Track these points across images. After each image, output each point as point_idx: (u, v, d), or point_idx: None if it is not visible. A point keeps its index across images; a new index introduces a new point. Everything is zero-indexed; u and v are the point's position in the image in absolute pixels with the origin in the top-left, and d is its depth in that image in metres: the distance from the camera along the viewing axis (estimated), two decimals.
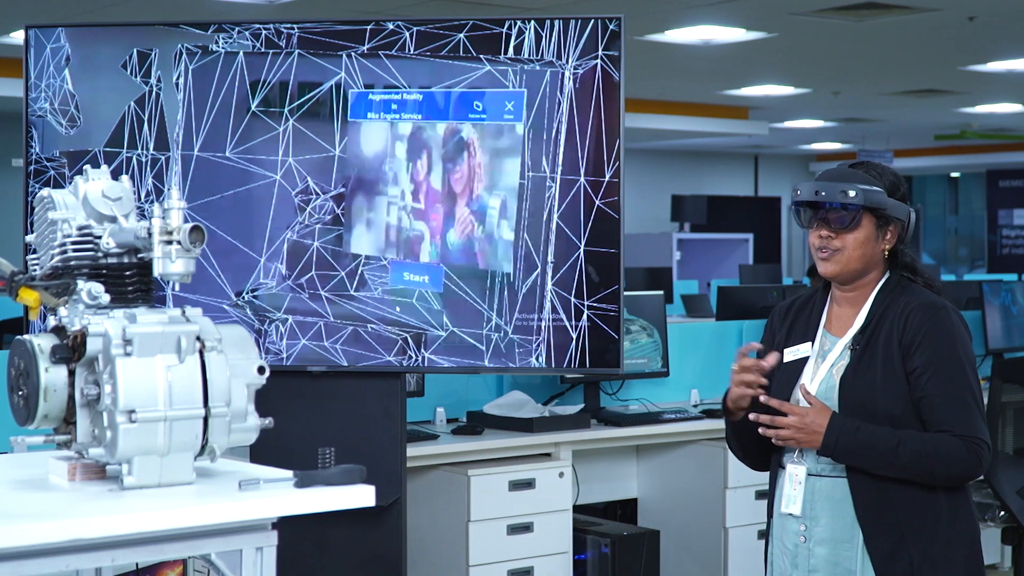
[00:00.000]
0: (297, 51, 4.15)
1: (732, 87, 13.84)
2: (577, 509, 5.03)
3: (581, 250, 4.04)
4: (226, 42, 4.15)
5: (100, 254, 2.40)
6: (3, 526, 2.00)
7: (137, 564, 3.06)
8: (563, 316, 4.01)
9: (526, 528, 4.70)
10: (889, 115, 16.50)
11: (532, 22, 4.08)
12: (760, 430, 2.92)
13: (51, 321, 2.43)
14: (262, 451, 3.32)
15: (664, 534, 5.19)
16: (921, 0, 9.01)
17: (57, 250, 2.41)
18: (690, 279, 13.42)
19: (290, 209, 4.15)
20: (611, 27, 3.99)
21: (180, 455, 2.26)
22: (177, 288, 4.06)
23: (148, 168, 4.17)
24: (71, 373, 2.30)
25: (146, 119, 4.18)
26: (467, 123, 4.13)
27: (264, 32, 4.14)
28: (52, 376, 2.28)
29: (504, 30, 4.07)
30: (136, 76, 4.16)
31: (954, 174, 25.00)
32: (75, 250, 2.40)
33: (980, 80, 13.02)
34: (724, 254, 15.72)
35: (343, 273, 4.15)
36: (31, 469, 2.47)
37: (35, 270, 2.47)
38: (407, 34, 4.10)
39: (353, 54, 4.15)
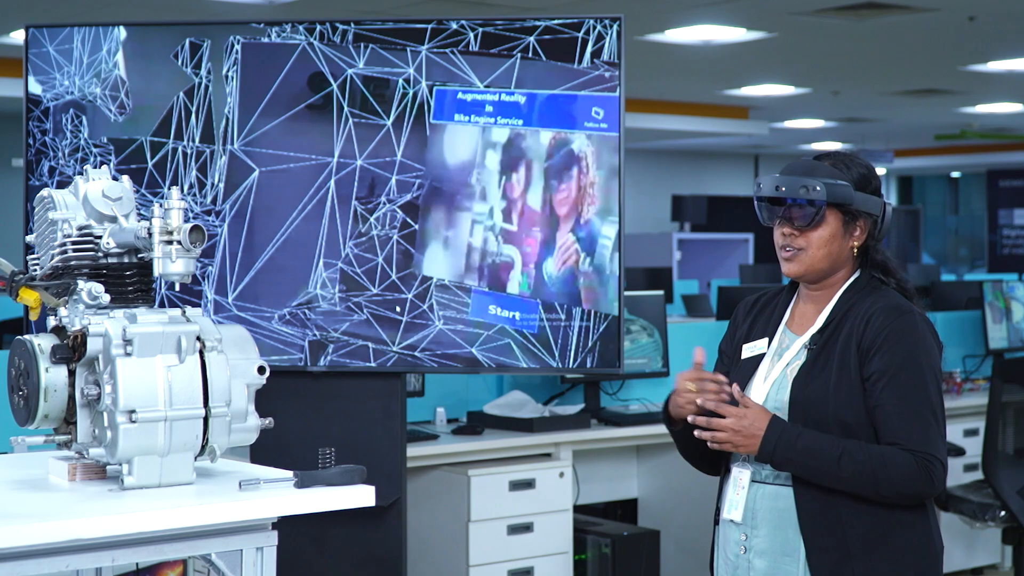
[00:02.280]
0: (361, 44, 3.78)
1: (732, 87, 13.84)
2: (577, 509, 5.03)
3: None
4: (279, 35, 3.88)
5: (100, 254, 2.40)
6: (3, 526, 2.00)
7: (137, 564, 3.07)
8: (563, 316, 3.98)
9: (526, 528, 4.70)
10: (889, 115, 16.49)
11: (616, 23, 3.67)
12: (696, 432, 2.71)
13: (51, 321, 2.43)
14: (262, 451, 3.33)
15: (664, 534, 5.19)
16: (921, 0, 9.01)
17: (57, 250, 2.41)
18: (690, 279, 13.40)
19: (347, 217, 3.76)
20: (612, 27, 3.87)
21: (180, 455, 2.26)
22: (212, 297, 3.81)
23: (193, 160, 3.94)
24: (71, 373, 2.30)
25: (194, 110, 3.94)
26: (580, 133, 3.64)
27: (319, 28, 3.84)
28: (52, 376, 2.28)
29: (581, 34, 3.67)
30: (187, 67, 3.94)
31: (954, 174, 25.00)
32: (75, 250, 2.39)
33: (980, 80, 13.02)
34: (724, 254, 15.70)
35: (411, 296, 3.72)
36: (31, 469, 2.47)
37: (35, 270, 2.47)
38: (471, 36, 3.74)
39: (421, 49, 3.73)
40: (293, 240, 3.83)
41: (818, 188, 2.69)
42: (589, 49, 3.67)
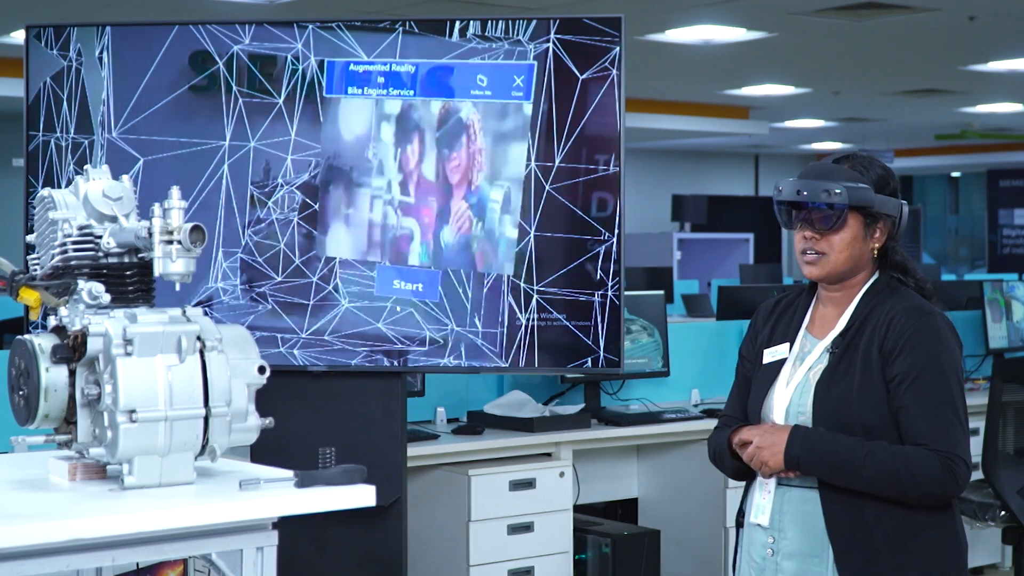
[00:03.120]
0: (247, 25, 3.70)
1: (732, 87, 13.84)
2: (577, 509, 5.03)
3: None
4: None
5: (100, 254, 2.40)
6: (4, 526, 2.00)
7: (138, 564, 3.07)
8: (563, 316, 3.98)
9: (526, 528, 4.70)
10: (889, 115, 16.49)
11: (475, 21, 3.67)
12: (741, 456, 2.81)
13: (52, 321, 2.43)
14: (262, 451, 3.32)
15: (665, 534, 5.19)
16: (921, 0, 9.01)
17: (58, 250, 2.41)
18: (690, 279, 13.40)
19: (244, 203, 3.68)
20: (611, 27, 3.88)
21: (181, 455, 2.26)
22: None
23: (69, 154, 3.79)
24: (72, 373, 2.30)
25: (65, 99, 3.78)
26: (467, 101, 3.65)
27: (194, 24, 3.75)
28: (53, 376, 2.28)
29: (447, 21, 3.67)
30: (52, 49, 3.78)
31: (954, 174, 25.00)
32: (76, 250, 2.39)
33: (980, 80, 13.02)
34: (724, 254, 15.70)
35: (315, 279, 3.68)
36: (32, 469, 2.47)
37: (36, 270, 2.47)
38: (335, 26, 3.68)
39: (311, 26, 3.67)
40: None
41: (839, 191, 2.70)
42: (458, 25, 3.66)
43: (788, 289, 3.04)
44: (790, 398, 2.76)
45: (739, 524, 2.89)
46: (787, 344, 2.83)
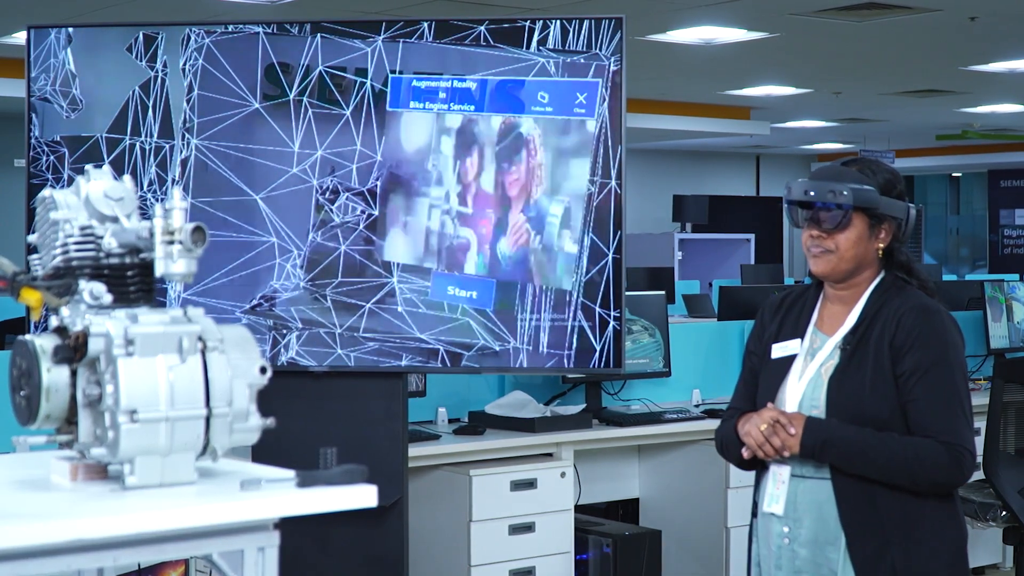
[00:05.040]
0: (319, 35, 3.82)
1: (733, 87, 13.83)
2: (579, 509, 5.03)
3: (610, 257, 3.75)
4: (237, 28, 3.89)
5: (102, 254, 2.40)
6: (5, 526, 2.00)
7: (139, 564, 3.07)
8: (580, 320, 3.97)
9: (528, 528, 4.70)
10: (890, 115, 16.49)
11: (558, 20, 3.74)
12: (745, 451, 2.89)
13: (53, 321, 2.43)
14: (264, 451, 3.31)
15: (666, 534, 5.19)
16: (922, 0, 9.00)
17: (59, 250, 2.40)
18: (691, 279, 13.40)
19: (309, 207, 3.82)
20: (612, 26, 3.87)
21: (182, 455, 2.26)
22: (178, 291, 3.83)
23: (151, 156, 3.93)
24: (73, 373, 2.30)
25: (151, 105, 3.93)
26: (528, 117, 3.74)
27: (276, 23, 3.88)
28: (54, 376, 2.28)
29: (527, 24, 3.76)
30: (141, 60, 3.92)
31: (955, 174, 24.99)
32: (77, 250, 2.39)
33: (981, 80, 13.01)
34: (726, 254, 15.70)
35: (373, 282, 3.81)
36: (33, 469, 2.47)
37: (37, 270, 2.47)
38: (424, 25, 3.80)
39: (377, 39, 3.79)
40: (253, 240, 3.85)
41: (845, 193, 2.83)
42: (536, 37, 3.75)
43: (791, 287, 3.14)
44: (803, 392, 2.89)
45: (753, 514, 3.01)
46: (797, 340, 2.95)
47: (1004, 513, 5.08)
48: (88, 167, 2.51)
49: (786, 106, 15.42)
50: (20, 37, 9.66)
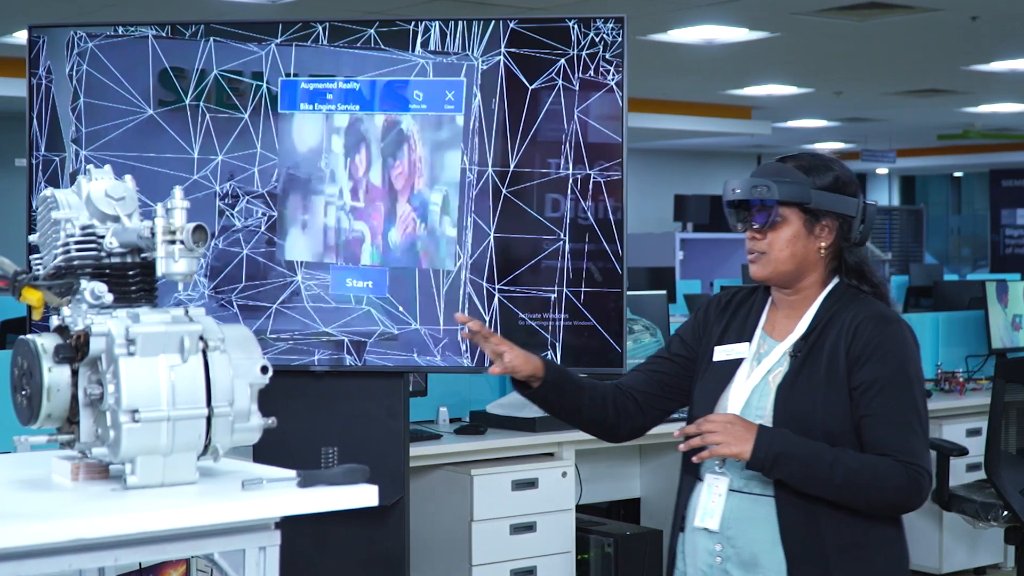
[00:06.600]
0: (212, 39, 3.91)
1: (735, 87, 13.84)
2: (580, 509, 5.03)
3: (491, 236, 3.87)
4: (125, 31, 3.93)
5: (103, 254, 2.40)
6: (6, 526, 2.00)
7: (140, 564, 3.07)
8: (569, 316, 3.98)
9: (529, 528, 4.70)
10: (892, 115, 16.49)
11: (437, 22, 3.89)
12: (682, 446, 2.65)
13: (54, 321, 2.43)
14: (265, 451, 3.31)
15: (667, 534, 5.18)
16: (924, 0, 9.00)
17: (60, 250, 2.40)
18: (693, 279, 13.38)
19: (213, 213, 3.89)
20: (609, 26, 3.86)
21: (183, 455, 2.26)
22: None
23: (40, 172, 3.98)
24: (74, 373, 2.30)
25: (35, 116, 3.97)
26: (407, 114, 3.92)
27: (168, 24, 3.93)
28: (55, 376, 2.28)
29: (411, 27, 3.90)
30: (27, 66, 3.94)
31: (957, 174, 25.00)
32: (78, 250, 2.39)
33: (983, 80, 13.01)
34: (727, 254, 15.68)
35: (277, 283, 3.92)
36: (34, 469, 2.47)
37: (38, 270, 2.47)
38: (320, 28, 3.92)
39: (270, 43, 3.91)
40: None
41: (769, 187, 2.65)
42: (419, 39, 3.92)
43: (739, 286, 2.95)
44: (746, 399, 2.70)
45: (680, 528, 2.80)
46: (745, 344, 2.77)
47: (1005, 513, 5.08)
48: (89, 167, 2.51)
49: (787, 106, 15.42)
50: (20, 37, 9.67)
